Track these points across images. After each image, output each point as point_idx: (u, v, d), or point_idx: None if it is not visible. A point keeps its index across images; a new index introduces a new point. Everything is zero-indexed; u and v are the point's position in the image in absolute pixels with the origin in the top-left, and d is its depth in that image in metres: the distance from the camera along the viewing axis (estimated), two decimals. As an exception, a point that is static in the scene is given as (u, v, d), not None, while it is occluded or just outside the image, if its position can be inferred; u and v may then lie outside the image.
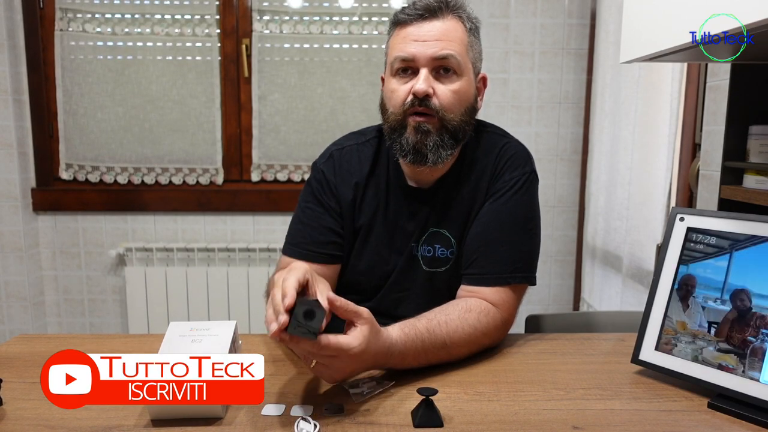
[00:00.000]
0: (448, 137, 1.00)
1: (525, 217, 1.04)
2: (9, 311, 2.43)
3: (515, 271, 1.00)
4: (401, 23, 1.00)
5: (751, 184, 1.10)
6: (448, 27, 0.98)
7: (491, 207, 1.03)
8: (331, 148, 1.13)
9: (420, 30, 0.98)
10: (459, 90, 0.99)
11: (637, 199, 1.86)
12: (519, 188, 1.03)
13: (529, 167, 1.06)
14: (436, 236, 1.07)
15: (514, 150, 1.07)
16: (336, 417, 0.75)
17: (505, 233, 1.01)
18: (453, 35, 0.98)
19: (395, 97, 1.01)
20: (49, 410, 0.76)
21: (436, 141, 0.99)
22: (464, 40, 1.00)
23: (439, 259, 1.07)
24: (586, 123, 2.37)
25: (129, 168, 2.46)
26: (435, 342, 0.88)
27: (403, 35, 0.99)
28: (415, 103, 0.98)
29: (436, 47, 0.96)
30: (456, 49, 0.97)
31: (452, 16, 0.99)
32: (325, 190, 1.09)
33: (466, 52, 1.00)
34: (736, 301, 0.80)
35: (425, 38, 0.97)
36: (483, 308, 0.96)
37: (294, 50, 2.40)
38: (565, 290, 2.54)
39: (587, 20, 2.35)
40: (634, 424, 0.74)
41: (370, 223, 1.08)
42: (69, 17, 2.37)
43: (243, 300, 2.40)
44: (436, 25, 0.98)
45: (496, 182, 1.04)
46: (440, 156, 1.00)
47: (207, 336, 0.81)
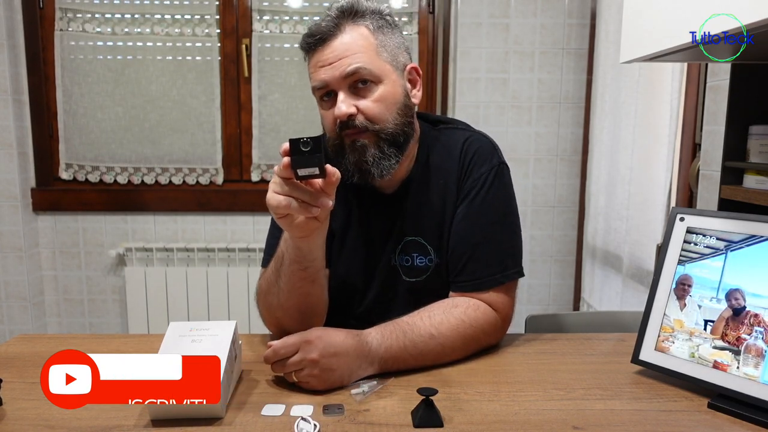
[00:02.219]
0: (387, 146, 0.97)
1: (503, 212, 1.02)
2: (9, 311, 2.43)
3: (505, 269, 1.00)
4: (307, 51, 0.99)
5: (751, 184, 1.10)
6: (349, 40, 0.95)
7: (468, 209, 1.01)
8: None
9: (323, 55, 0.95)
10: (381, 97, 0.96)
11: (637, 199, 1.86)
12: (491, 184, 1.01)
13: (497, 159, 1.03)
14: (413, 245, 1.04)
15: (477, 144, 1.04)
16: (336, 417, 0.75)
17: (488, 234, 1.00)
18: (356, 46, 0.95)
19: (326, 124, 1.00)
20: (49, 410, 0.76)
21: (374, 154, 0.96)
22: (371, 45, 0.96)
23: (417, 268, 1.05)
24: (586, 123, 2.37)
25: (129, 168, 2.46)
26: (421, 333, 0.89)
27: (313, 63, 0.98)
28: (343, 126, 0.96)
29: (342, 66, 0.94)
30: (363, 60, 0.94)
31: (350, 25, 0.96)
32: None
33: (377, 56, 0.96)
34: (730, 299, 0.80)
35: (330, 61, 0.95)
36: (471, 303, 0.96)
37: (294, 50, 2.40)
38: (565, 290, 2.54)
39: (587, 20, 2.35)
40: (634, 424, 0.74)
41: (344, 227, 1.07)
42: (69, 17, 2.37)
43: (243, 300, 2.40)
44: (335, 44, 0.95)
45: (465, 182, 1.02)
46: (384, 168, 0.97)
47: (207, 336, 0.81)
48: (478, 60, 2.35)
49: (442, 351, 0.91)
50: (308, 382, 0.81)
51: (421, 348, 0.89)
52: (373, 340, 0.87)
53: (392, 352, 0.87)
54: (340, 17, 0.96)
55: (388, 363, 0.87)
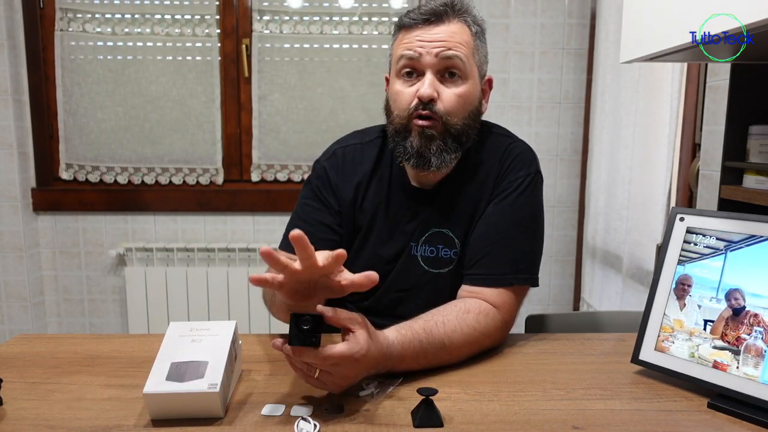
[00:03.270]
0: (452, 141, 1.00)
1: (529, 217, 1.04)
2: (9, 311, 2.43)
3: (518, 272, 1.00)
4: (407, 27, 1.00)
5: (751, 184, 1.10)
6: (454, 30, 0.98)
7: (496, 207, 1.03)
8: (334, 146, 1.13)
9: (426, 33, 0.98)
10: (463, 94, 0.99)
11: (637, 199, 1.86)
12: (524, 189, 1.03)
13: (534, 167, 1.06)
14: (439, 236, 1.06)
15: (519, 150, 1.07)
16: (336, 417, 0.75)
17: (508, 234, 1.01)
18: (459, 38, 0.98)
19: (400, 100, 1.00)
20: (49, 410, 0.76)
21: (439, 145, 0.99)
22: (470, 43, 1.00)
23: (442, 260, 1.06)
24: (586, 123, 2.37)
25: (129, 168, 2.46)
26: (433, 342, 0.88)
27: (411, 36, 0.99)
28: (420, 107, 0.98)
29: (441, 47, 0.97)
30: (461, 52, 0.97)
31: (458, 19, 0.99)
32: (325, 187, 1.09)
33: (472, 55, 1.00)
34: (730, 299, 0.80)
35: (431, 39, 0.97)
36: (482, 309, 0.96)
37: (294, 50, 2.40)
38: (565, 290, 2.54)
39: (587, 20, 2.35)
40: (634, 424, 0.74)
41: (371, 223, 1.08)
42: (69, 17, 2.37)
43: (243, 300, 2.40)
44: (441, 29, 0.98)
45: (501, 183, 1.04)
46: (444, 160, 1.00)
47: (207, 336, 0.81)
48: (478, 60, 2.35)
49: (449, 359, 0.91)
50: (325, 384, 0.78)
51: (431, 358, 0.89)
52: (394, 351, 0.84)
53: (406, 362, 0.86)
54: (449, 9, 0.99)
55: (396, 368, 0.86)
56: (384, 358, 0.82)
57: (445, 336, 0.89)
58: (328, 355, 0.73)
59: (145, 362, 0.91)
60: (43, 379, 0.87)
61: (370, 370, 0.82)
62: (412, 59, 0.98)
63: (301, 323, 0.73)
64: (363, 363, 0.77)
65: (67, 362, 0.93)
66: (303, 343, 0.72)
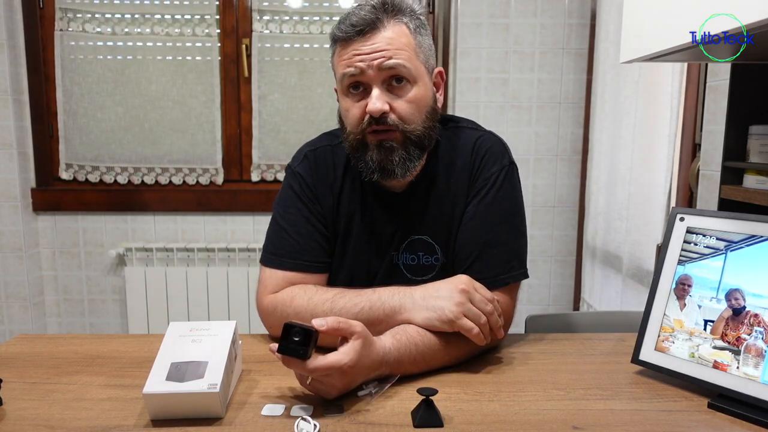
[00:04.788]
0: (414, 148, 0.96)
1: (511, 212, 1.02)
2: (9, 311, 2.43)
3: (511, 270, 1.00)
4: (341, 41, 0.95)
5: (751, 184, 1.10)
6: (391, 36, 0.93)
7: (477, 208, 1.01)
8: (303, 149, 1.09)
9: (363, 45, 0.92)
10: (415, 98, 0.95)
11: (637, 199, 1.86)
12: (501, 184, 1.01)
13: (507, 159, 1.03)
14: (419, 243, 1.04)
15: (489, 144, 1.04)
16: (336, 417, 0.75)
17: (495, 234, 1.00)
18: (397, 43, 0.93)
19: (351, 117, 0.96)
20: (49, 410, 0.76)
21: (401, 155, 0.95)
22: (411, 44, 0.94)
23: (424, 266, 1.05)
24: (586, 123, 2.37)
25: (129, 168, 2.46)
26: (430, 344, 0.88)
27: (349, 52, 0.94)
28: (372, 122, 0.93)
29: (382, 57, 0.92)
30: (403, 58, 0.92)
31: (393, 21, 0.94)
32: (306, 193, 1.05)
33: (416, 56, 0.95)
34: (730, 299, 0.80)
35: (369, 51, 0.92)
36: None
37: (294, 50, 2.40)
38: (565, 290, 2.54)
39: (587, 20, 2.35)
40: (634, 424, 0.74)
41: (347, 228, 1.06)
42: (69, 17, 2.37)
43: (243, 300, 2.40)
44: (378, 37, 0.92)
45: (476, 180, 1.02)
46: (408, 168, 0.97)
47: (207, 336, 0.81)
48: (478, 60, 2.35)
49: (448, 360, 0.91)
50: (319, 391, 0.79)
51: (429, 360, 0.88)
52: (391, 358, 0.84)
53: (404, 367, 0.86)
54: (382, 11, 0.93)
55: (393, 371, 0.86)
56: (380, 366, 0.83)
57: (441, 338, 0.89)
58: (314, 367, 0.74)
59: (145, 362, 0.91)
60: (43, 379, 0.87)
61: (368, 376, 0.82)
62: (354, 75, 0.93)
63: (292, 334, 0.74)
64: (352, 373, 0.78)
65: (67, 362, 0.93)
66: (290, 354, 0.74)
